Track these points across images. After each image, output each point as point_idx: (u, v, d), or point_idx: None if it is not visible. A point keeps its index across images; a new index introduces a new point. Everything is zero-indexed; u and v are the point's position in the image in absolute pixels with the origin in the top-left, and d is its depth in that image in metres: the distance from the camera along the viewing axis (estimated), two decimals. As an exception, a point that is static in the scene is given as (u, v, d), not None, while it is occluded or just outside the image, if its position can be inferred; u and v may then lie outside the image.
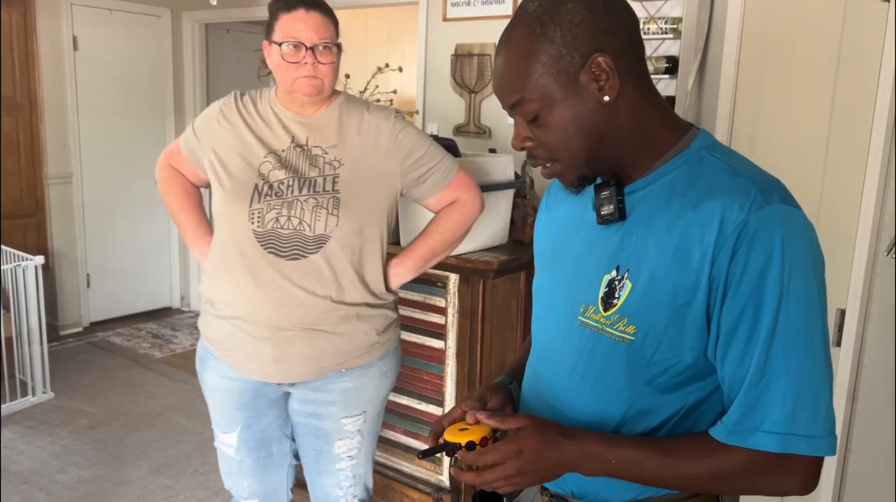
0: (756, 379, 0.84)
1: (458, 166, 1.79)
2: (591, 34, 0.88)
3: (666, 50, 2.77)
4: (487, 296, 2.26)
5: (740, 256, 0.84)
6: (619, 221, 0.95)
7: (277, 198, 1.62)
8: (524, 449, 0.90)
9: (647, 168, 0.95)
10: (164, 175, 1.87)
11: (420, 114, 3.36)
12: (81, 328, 4.77)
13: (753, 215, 0.83)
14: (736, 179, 0.88)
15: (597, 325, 0.95)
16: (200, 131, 1.74)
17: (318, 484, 1.88)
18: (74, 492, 2.83)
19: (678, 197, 0.90)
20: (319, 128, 1.67)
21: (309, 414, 1.78)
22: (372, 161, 1.67)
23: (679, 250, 0.88)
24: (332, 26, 1.62)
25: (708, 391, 0.93)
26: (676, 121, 0.97)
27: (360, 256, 1.67)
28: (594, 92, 0.89)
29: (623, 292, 0.92)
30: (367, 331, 1.71)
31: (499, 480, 0.92)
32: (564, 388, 1.01)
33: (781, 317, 0.83)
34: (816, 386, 0.84)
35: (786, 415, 0.83)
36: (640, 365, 0.91)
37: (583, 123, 0.91)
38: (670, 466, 0.89)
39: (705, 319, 0.88)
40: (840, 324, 1.60)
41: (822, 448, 0.84)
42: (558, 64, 0.89)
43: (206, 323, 1.76)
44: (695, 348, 0.89)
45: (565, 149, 0.93)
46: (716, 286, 0.86)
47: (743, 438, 0.85)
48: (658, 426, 0.94)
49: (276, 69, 1.63)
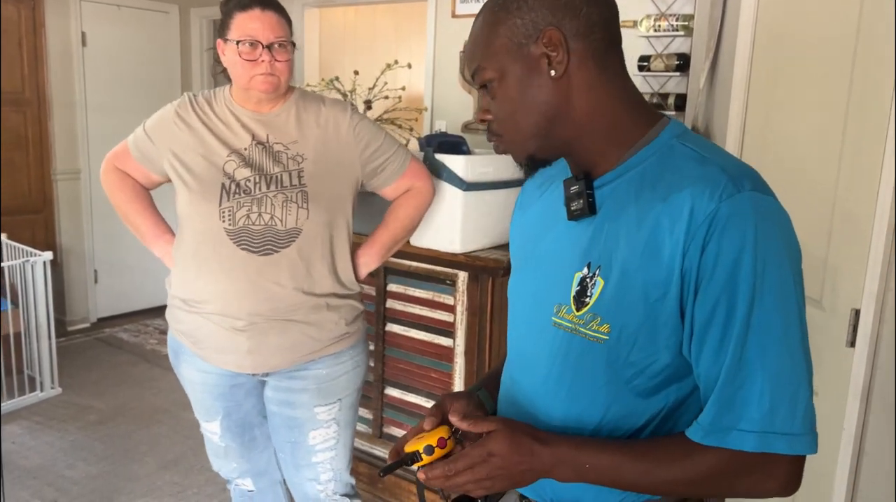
0: (731, 376, 0.81)
1: (411, 156, 1.87)
2: (548, 9, 0.87)
3: (677, 47, 2.75)
4: (496, 293, 2.25)
5: (711, 247, 0.80)
6: (590, 216, 0.92)
7: (246, 196, 1.64)
8: (494, 452, 0.88)
9: (615, 159, 0.92)
10: (112, 178, 1.85)
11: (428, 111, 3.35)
12: (89, 324, 4.79)
13: (724, 204, 0.80)
14: (705, 168, 0.85)
15: (570, 326, 0.92)
16: (155, 134, 1.74)
17: (296, 479, 1.90)
18: (83, 488, 2.84)
19: (648, 189, 0.87)
20: (278, 125, 1.70)
21: (282, 403, 1.81)
22: (333, 153, 1.72)
23: (650, 244, 0.84)
24: (286, 25, 1.66)
25: (687, 391, 0.90)
26: (646, 110, 0.94)
27: (331, 247, 1.72)
28: (544, 66, 0.88)
29: (595, 290, 0.89)
30: (337, 321, 1.76)
31: (468, 484, 0.89)
32: (539, 392, 0.97)
33: (756, 310, 0.80)
34: (794, 381, 0.81)
35: (763, 413, 0.80)
36: (617, 366, 0.88)
37: (532, 99, 0.90)
38: (647, 471, 0.86)
39: (679, 315, 0.85)
40: (855, 325, 1.58)
41: (802, 446, 0.81)
42: (513, 35, 0.89)
43: (175, 317, 1.79)
44: (670, 346, 0.86)
45: (512, 124, 0.93)
46: (688, 280, 0.82)
47: (719, 438, 0.82)
48: (639, 429, 0.91)
49: (231, 67, 1.66)
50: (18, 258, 3.61)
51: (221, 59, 1.69)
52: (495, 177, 2.24)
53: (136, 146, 1.78)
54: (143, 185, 1.85)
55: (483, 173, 2.18)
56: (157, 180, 1.82)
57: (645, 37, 2.76)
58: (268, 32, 1.61)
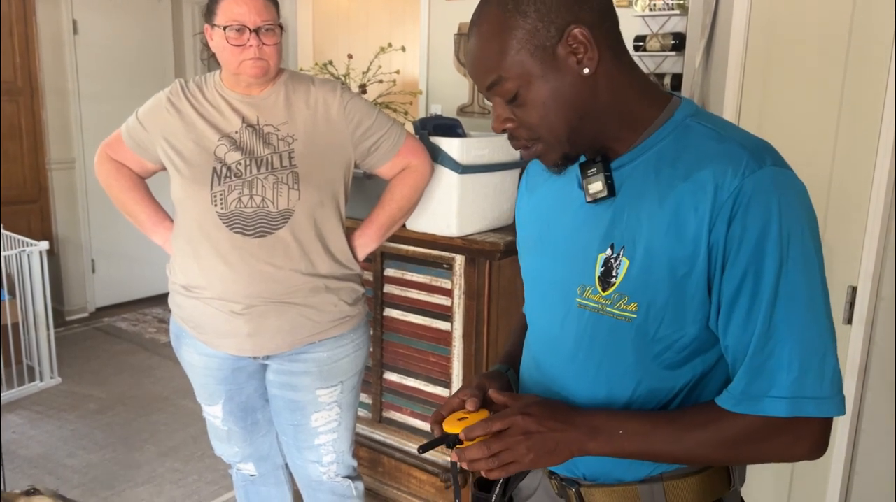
0: (761, 345, 0.84)
1: (406, 133, 1.84)
2: (565, 6, 0.86)
3: (673, 27, 2.73)
4: (493, 277, 2.25)
5: (737, 223, 0.83)
6: (609, 198, 0.93)
7: (237, 179, 1.64)
8: (531, 422, 0.90)
9: (631, 141, 0.93)
10: (107, 168, 1.83)
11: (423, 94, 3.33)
12: (87, 313, 4.79)
13: (748, 180, 0.82)
14: (724, 145, 0.86)
15: (597, 306, 0.93)
16: (147, 121, 1.74)
17: (299, 462, 1.90)
18: (84, 476, 2.85)
19: (667, 168, 0.89)
20: (268, 107, 1.70)
21: (283, 385, 1.81)
22: (323, 133, 1.71)
23: (673, 222, 0.86)
24: (273, 8, 1.65)
25: (712, 362, 0.92)
26: (657, 91, 0.95)
27: (323, 227, 1.72)
28: (573, 65, 0.88)
29: (621, 270, 0.91)
30: (337, 303, 1.76)
31: (505, 461, 0.90)
32: (566, 372, 0.99)
33: (783, 281, 0.82)
34: (821, 347, 0.83)
35: (793, 379, 0.82)
36: (645, 342, 0.90)
37: (563, 99, 0.89)
38: (678, 436, 0.89)
39: (706, 289, 0.87)
40: (851, 302, 1.59)
41: (831, 408, 0.83)
42: (534, 39, 0.87)
43: (176, 303, 1.79)
44: (697, 320, 0.88)
45: (546, 128, 0.91)
46: (715, 255, 0.85)
47: (751, 405, 0.84)
48: (667, 403, 0.93)
49: (220, 52, 1.65)
50: (15, 248, 3.60)
51: (210, 44, 1.67)
52: (491, 160, 2.23)
53: (129, 135, 1.78)
54: (139, 174, 1.84)
55: (479, 156, 2.17)
56: (152, 168, 1.81)
57: (640, 16, 2.75)
58: (254, 16, 1.59)
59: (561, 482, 1.04)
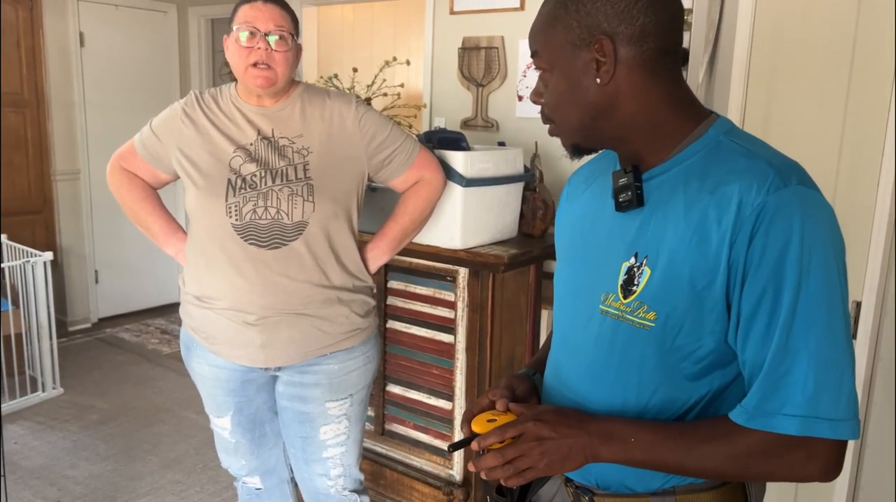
0: (777, 362, 0.84)
1: (419, 146, 1.84)
2: (604, 16, 0.89)
3: (676, 41, 2.75)
4: (497, 289, 2.25)
5: (759, 239, 0.83)
6: (637, 208, 0.94)
7: (252, 191, 1.65)
8: (544, 428, 0.91)
9: (664, 155, 0.94)
10: (119, 179, 1.83)
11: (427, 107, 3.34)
12: (90, 324, 4.79)
13: (772, 197, 0.83)
14: (752, 162, 0.88)
15: (617, 313, 0.95)
16: (162, 132, 1.74)
17: (307, 474, 1.90)
18: (86, 487, 2.84)
19: (695, 181, 0.90)
20: (283, 119, 1.70)
21: (293, 397, 1.80)
22: (338, 146, 1.71)
23: (697, 234, 0.87)
24: (289, 19, 1.66)
25: (730, 378, 0.93)
26: (694, 108, 0.96)
27: (336, 239, 1.72)
28: (592, 71, 0.91)
29: (642, 279, 0.92)
30: (349, 315, 1.76)
31: (521, 468, 0.91)
32: (585, 377, 1.01)
33: (801, 299, 0.82)
34: (838, 368, 0.83)
35: (807, 398, 0.82)
36: (663, 351, 0.91)
37: (577, 97, 0.94)
38: (690, 448, 0.89)
39: (725, 303, 0.87)
40: (856, 318, 1.58)
41: (845, 431, 0.83)
42: (568, 35, 0.92)
43: (188, 313, 1.79)
44: (715, 332, 0.89)
45: (560, 116, 0.97)
46: (735, 269, 0.85)
47: (764, 422, 0.84)
48: (682, 414, 0.94)
49: (231, 58, 1.66)
50: (19, 259, 3.61)
51: (225, 53, 1.68)
52: (495, 173, 2.23)
53: (143, 145, 1.78)
54: (151, 185, 1.85)
55: (483, 169, 2.18)
56: (165, 179, 1.82)
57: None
58: (267, 21, 1.61)
59: (576, 490, 1.04)
